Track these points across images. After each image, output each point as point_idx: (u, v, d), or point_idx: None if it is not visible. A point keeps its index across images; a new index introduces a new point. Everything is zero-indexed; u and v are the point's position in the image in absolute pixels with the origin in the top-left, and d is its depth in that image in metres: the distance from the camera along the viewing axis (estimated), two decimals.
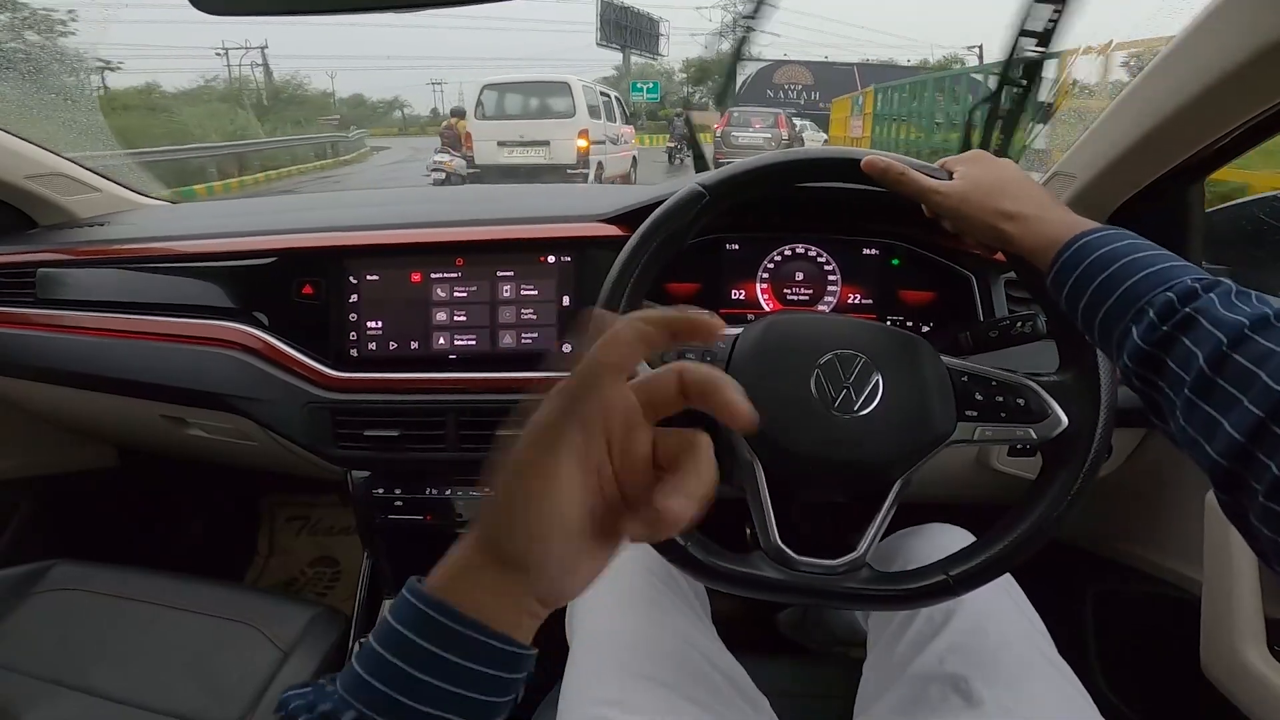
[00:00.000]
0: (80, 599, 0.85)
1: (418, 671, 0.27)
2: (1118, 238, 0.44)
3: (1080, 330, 0.47)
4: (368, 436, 0.85)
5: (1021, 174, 0.56)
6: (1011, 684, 0.58)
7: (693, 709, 0.57)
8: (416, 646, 0.28)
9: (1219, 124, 0.72)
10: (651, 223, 0.60)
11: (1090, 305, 0.43)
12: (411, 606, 0.28)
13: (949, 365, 0.58)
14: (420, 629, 0.28)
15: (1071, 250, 0.45)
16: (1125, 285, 0.40)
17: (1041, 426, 0.56)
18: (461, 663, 0.28)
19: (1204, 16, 0.66)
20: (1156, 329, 0.37)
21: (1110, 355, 0.44)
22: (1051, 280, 0.47)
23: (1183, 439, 0.38)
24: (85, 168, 1.13)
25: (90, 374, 0.93)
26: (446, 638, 0.28)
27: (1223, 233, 0.94)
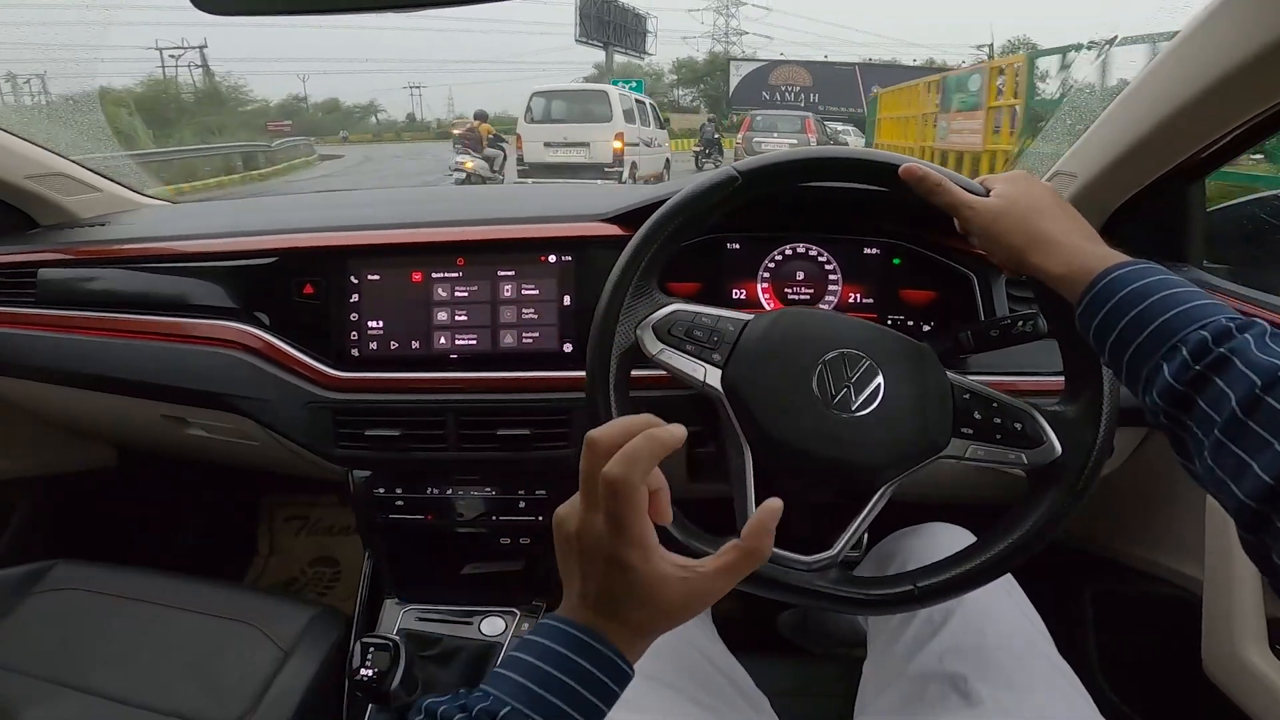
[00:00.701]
0: (80, 599, 0.85)
1: (565, 676, 0.36)
2: (1151, 272, 0.44)
3: (1106, 364, 0.46)
4: (368, 436, 0.85)
5: (1060, 199, 0.55)
6: (1011, 684, 0.58)
7: (693, 709, 0.58)
8: (565, 658, 0.36)
9: (1219, 123, 0.72)
10: (678, 200, 0.59)
11: (1120, 340, 0.42)
12: (562, 631, 0.38)
13: (953, 380, 0.58)
14: (571, 645, 0.37)
15: (1103, 283, 0.44)
16: (1158, 322, 0.40)
17: (1034, 453, 0.56)
18: (595, 672, 0.36)
19: (1204, 16, 0.66)
20: (1189, 368, 0.37)
21: (1135, 390, 0.43)
22: (1081, 311, 0.46)
23: (1209, 478, 0.38)
24: (86, 168, 1.13)
25: (91, 374, 0.93)
26: (589, 653, 0.37)
27: (1223, 232, 0.94)
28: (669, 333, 0.58)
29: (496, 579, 0.96)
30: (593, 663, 0.37)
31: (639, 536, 0.37)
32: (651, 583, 0.38)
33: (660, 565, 0.38)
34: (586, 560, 0.38)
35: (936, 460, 0.56)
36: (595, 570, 0.38)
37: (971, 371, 0.80)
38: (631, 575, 0.37)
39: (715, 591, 0.39)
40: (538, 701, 0.35)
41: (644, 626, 0.39)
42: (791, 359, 0.57)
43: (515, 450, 0.84)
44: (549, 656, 0.37)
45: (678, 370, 0.57)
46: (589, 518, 0.38)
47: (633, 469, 0.36)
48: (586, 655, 0.37)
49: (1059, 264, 0.49)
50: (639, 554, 0.37)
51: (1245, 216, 0.99)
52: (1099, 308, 0.44)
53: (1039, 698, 0.57)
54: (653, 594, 0.38)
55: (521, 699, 0.35)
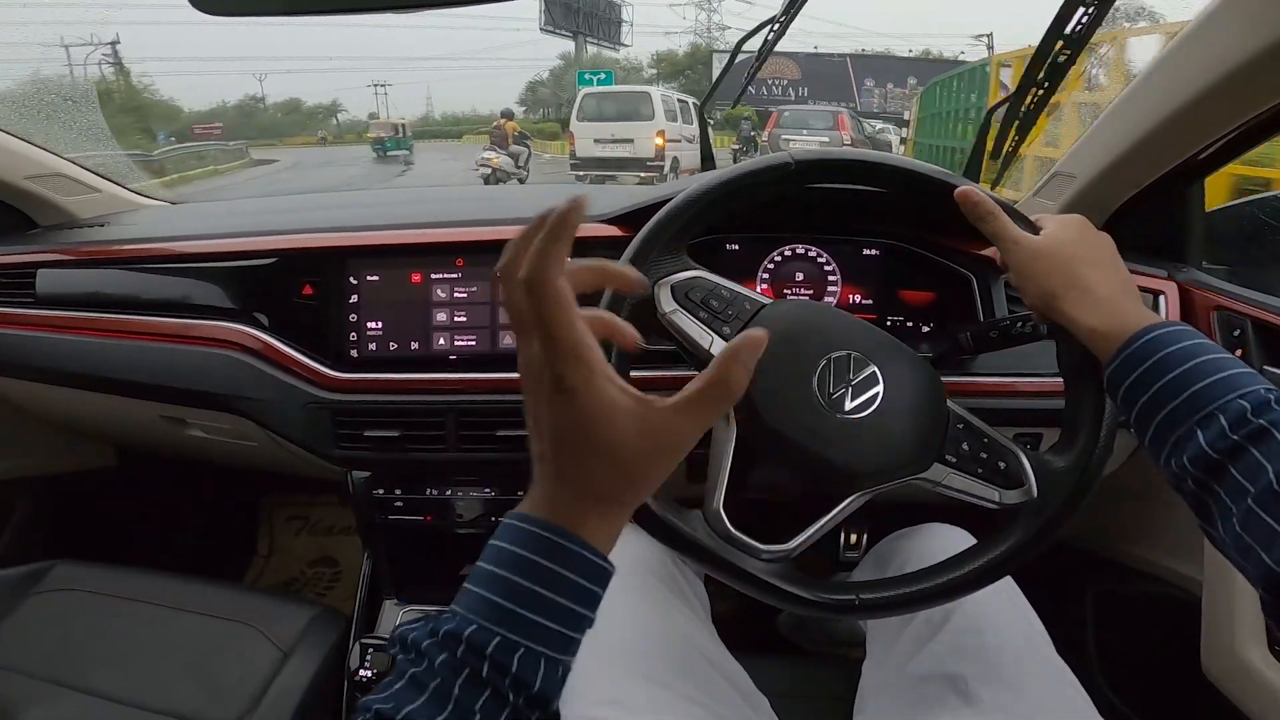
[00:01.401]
0: (80, 599, 0.85)
1: (533, 584, 0.32)
2: (1188, 335, 0.43)
3: (1129, 423, 0.45)
4: (368, 437, 0.85)
5: (1112, 253, 0.53)
6: (1010, 684, 0.58)
7: (693, 709, 0.57)
8: (531, 562, 0.33)
9: (1219, 124, 0.72)
10: (731, 171, 0.59)
11: (1154, 401, 0.42)
12: (523, 530, 0.34)
13: (952, 409, 0.58)
14: (535, 547, 0.33)
15: (1141, 343, 0.43)
16: (1196, 387, 0.40)
17: (1010, 493, 0.56)
18: (566, 574, 0.33)
19: (1203, 17, 0.66)
20: (1226, 437, 0.37)
21: (1156, 452, 0.43)
22: (1114, 369, 0.45)
23: (1235, 544, 0.38)
24: (85, 168, 1.13)
25: (90, 374, 0.93)
26: (556, 553, 0.33)
27: (1223, 233, 0.94)
28: (686, 295, 0.57)
29: None
30: (565, 565, 0.33)
31: (574, 346, 0.32)
32: (600, 412, 0.33)
33: (608, 390, 0.33)
34: (535, 393, 0.34)
35: (913, 480, 0.56)
36: (542, 404, 0.34)
37: (971, 372, 0.80)
38: (576, 400, 0.33)
39: (680, 434, 0.34)
40: (507, 616, 0.32)
41: (603, 491, 0.35)
42: (799, 349, 0.57)
43: (515, 451, 0.84)
44: (515, 564, 0.33)
45: (685, 334, 0.57)
46: (526, 347, 0.33)
47: (541, 262, 0.31)
48: (553, 555, 0.33)
49: (1093, 317, 0.48)
50: (582, 371, 0.32)
51: (1245, 217, 0.99)
52: (1134, 367, 0.43)
53: (1038, 698, 0.57)
54: (604, 429, 0.33)
55: (488, 615, 0.32)
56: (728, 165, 0.62)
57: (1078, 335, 0.50)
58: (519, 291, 0.32)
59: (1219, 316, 0.77)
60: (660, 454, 0.35)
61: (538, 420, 0.35)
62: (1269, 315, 0.73)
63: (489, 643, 0.32)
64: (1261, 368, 0.72)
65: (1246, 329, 0.74)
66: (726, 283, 0.59)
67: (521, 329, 0.34)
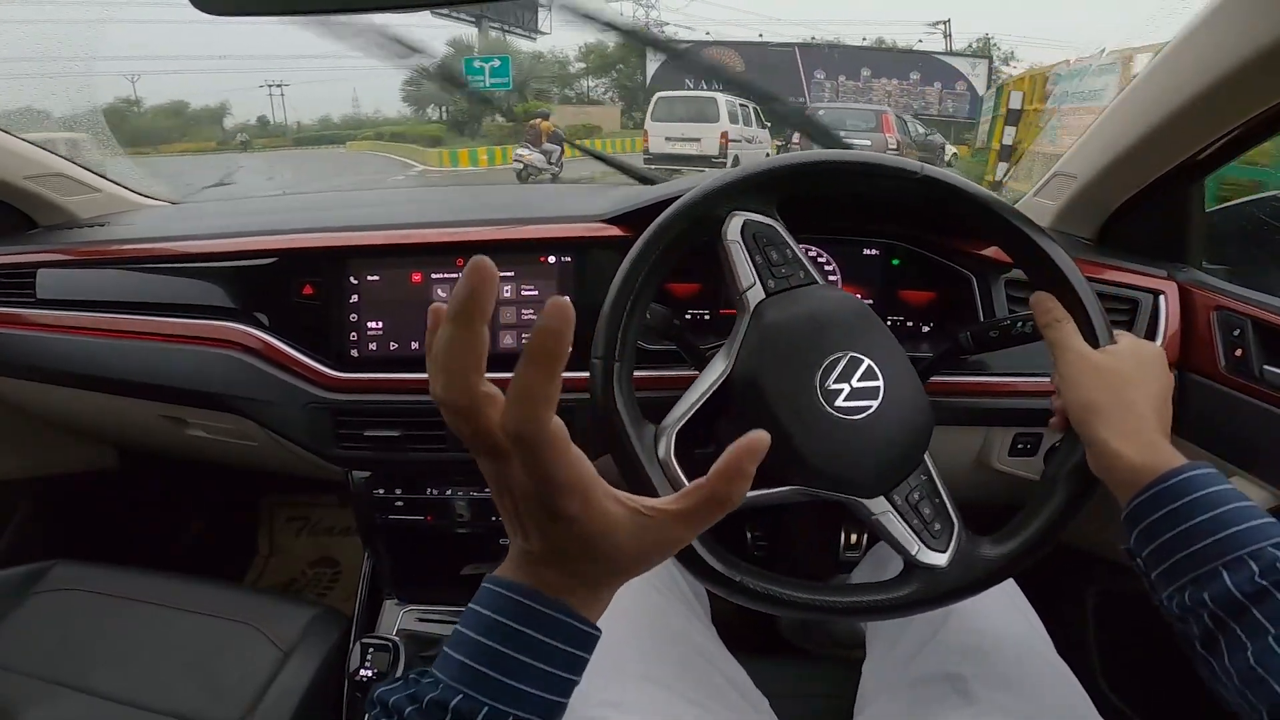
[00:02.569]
0: (80, 599, 0.85)
1: (518, 653, 0.32)
2: (1217, 480, 0.44)
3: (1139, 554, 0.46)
4: (368, 437, 0.85)
5: (1167, 390, 0.53)
6: (1010, 684, 0.58)
7: (692, 710, 0.57)
8: (516, 631, 0.32)
9: (1218, 124, 0.72)
10: (860, 155, 0.61)
11: (1179, 540, 0.42)
12: (508, 599, 0.33)
13: (926, 460, 0.58)
14: (520, 616, 0.33)
15: (1176, 481, 0.44)
16: (1227, 533, 0.40)
17: (926, 553, 0.56)
18: (552, 643, 0.33)
19: (1203, 17, 0.66)
20: (1254, 581, 0.38)
21: (1164, 585, 0.43)
22: (1142, 502, 0.45)
23: (1243, 675, 0.38)
24: (85, 168, 1.13)
25: (90, 374, 0.93)
26: (541, 622, 0.33)
27: (1223, 233, 0.94)
28: (754, 236, 0.59)
29: None
30: (551, 634, 0.33)
31: (571, 481, 0.31)
32: (600, 531, 0.32)
33: (606, 508, 0.32)
34: (523, 514, 0.33)
35: (853, 500, 0.56)
36: (535, 524, 0.33)
37: (971, 372, 0.80)
38: (575, 527, 0.32)
39: (676, 539, 0.34)
40: (494, 687, 0.31)
41: (599, 579, 0.35)
42: (823, 332, 0.57)
43: None
44: (499, 633, 0.32)
45: (732, 267, 0.59)
46: (503, 473, 0.32)
47: (534, 410, 0.28)
48: (541, 626, 0.33)
49: (1129, 445, 0.47)
50: (577, 501, 0.31)
51: (1245, 217, 1.00)
52: (1165, 503, 0.43)
53: (1038, 698, 0.57)
54: (603, 543, 0.33)
55: (474, 685, 0.31)
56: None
57: (1103, 456, 0.49)
58: (475, 420, 0.29)
59: (1219, 316, 0.77)
60: (656, 554, 0.35)
61: (526, 531, 0.34)
62: (1269, 315, 0.73)
63: (476, 713, 0.31)
64: (1262, 368, 0.72)
65: (1246, 329, 0.74)
66: (794, 245, 0.60)
67: (487, 455, 0.31)
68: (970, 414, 0.81)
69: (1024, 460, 0.84)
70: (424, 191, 1.66)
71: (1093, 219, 0.91)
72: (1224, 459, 0.77)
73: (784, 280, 0.59)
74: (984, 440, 0.85)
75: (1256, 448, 0.74)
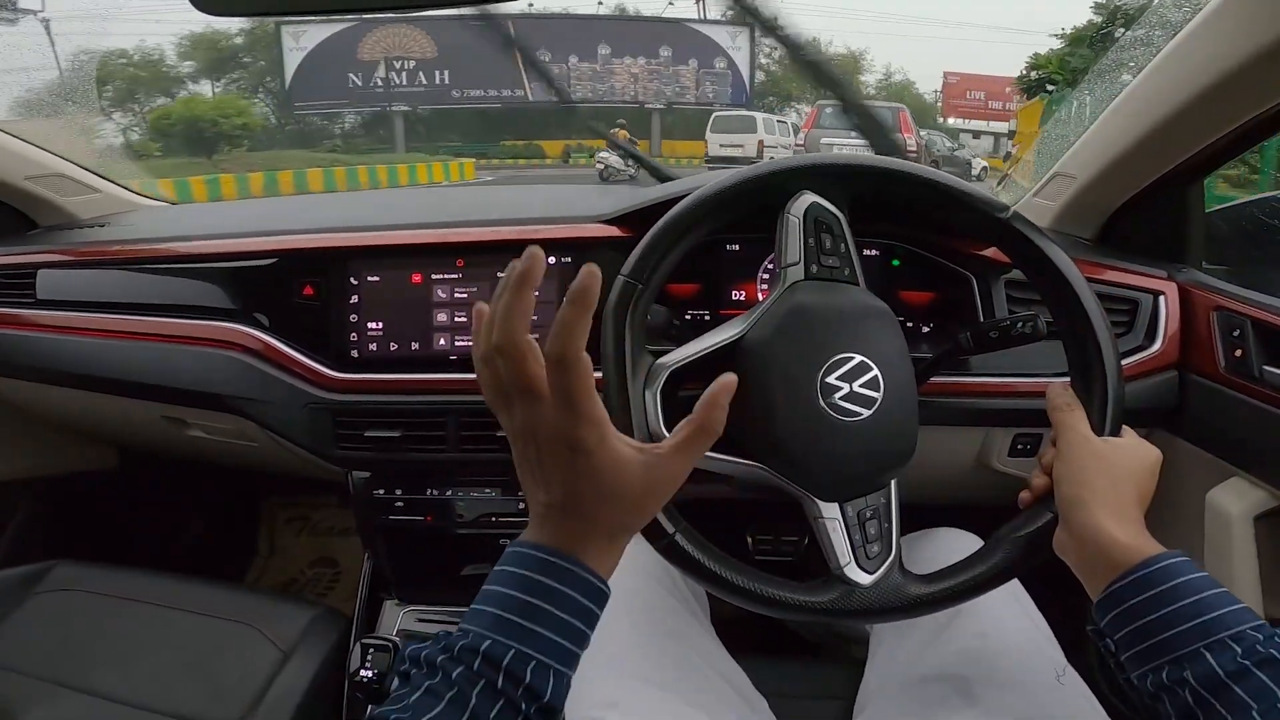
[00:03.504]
0: (81, 599, 0.85)
1: (540, 600, 0.36)
2: (1196, 568, 0.45)
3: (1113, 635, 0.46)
4: (368, 437, 0.85)
5: (1153, 490, 0.54)
6: (1014, 685, 0.58)
7: (692, 710, 0.57)
8: (537, 581, 0.37)
9: (1218, 124, 0.72)
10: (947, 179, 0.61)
11: (1165, 620, 0.43)
12: (530, 555, 0.38)
13: (891, 484, 0.58)
14: (541, 568, 0.37)
15: (1160, 566, 0.45)
16: (1211, 615, 0.42)
17: (853, 568, 0.56)
18: (569, 592, 0.37)
19: (1203, 17, 0.66)
20: (1237, 662, 0.40)
21: (1140, 663, 0.44)
22: (1126, 584, 0.46)
23: None
24: (85, 168, 1.13)
25: (91, 375, 0.93)
26: (560, 574, 0.37)
27: (1222, 233, 0.94)
28: (815, 220, 0.60)
29: None
30: (567, 584, 0.37)
31: (592, 413, 0.37)
32: (612, 466, 0.38)
33: (618, 446, 0.38)
34: (547, 455, 0.38)
35: (806, 498, 0.57)
36: (558, 465, 0.38)
37: (971, 372, 0.80)
38: (593, 460, 0.37)
39: (675, 472, 0.40)
40: (518, 631, 0.35)
41: (613, 525, 0.39)
42: (845, 329, 0.57)
43: None
44: (522, 584, 0.37)
45: (787, 240, 0.59)
46: (536, 414, 0.37)
47: (572, 339, 0.36)
48: (559, 577, 0.37)
49: (1118, 528, 0.49)
50: (595, 434, 0.37)
51: (1244, 217, 1.00)
52: (1150, 586, 0.45)
53: (1042, 700, 0.57)
54: (615, 479, 0.38)
55: (501, 631, 0.35)
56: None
57: (1092, 536, 0.49)
58: (523, 364, 0.36)
59: (1219, 316, 0.77)
60: (660, 490, 0.40)
61: (548, 477, 0.38)
62: (1269, 315, 0.73)
63: (504, 655, 0.35)
64: (1262, 368, 0.72)
65: (1246, 329, 0.74)
66: (850, 242, 0.61)
67: (524, 397, 0.37)
68: (970, 414, 0.81)
69: (1024, 460, 0.84)
70: (424, 192, 1.66)
71: (1093, 219, 0.91)
72: (1224, 459, 0.77)
73: (827, 270, 0.60)
74: (984, 440, 0.85)
75: (1256, 448, 0.74)
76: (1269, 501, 0.73)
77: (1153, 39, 0.76)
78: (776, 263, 0.60)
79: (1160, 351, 0.80)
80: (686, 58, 17.25)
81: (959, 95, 22.22)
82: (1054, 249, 0.59)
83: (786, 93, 24.22)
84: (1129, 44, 0.84)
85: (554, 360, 0.36)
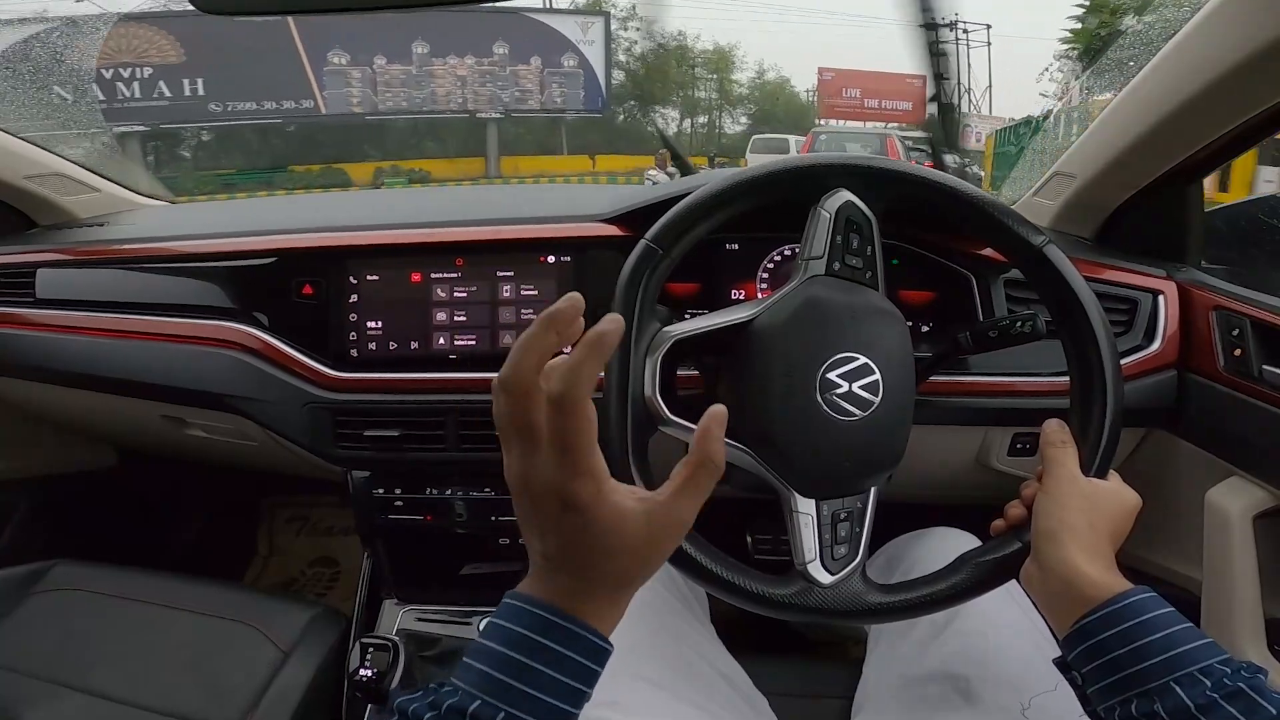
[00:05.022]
0: (80, 599, 0.85)
1: (537, 663, 0.34)
2: (1165, 604, 0.46)
3: (1079, 669, 0.47)
4: (368, 437, 0.85)
5: (1125, 534, 0.55)
6: (1013, 685, 0.58)
7: (691, 711, 0.58)
8: (535, 643, 0.35)
9: (1218, 124, 0.72)
10: (996, 206, 0.61)
11: (1135, 653, 0.44)
12: (528, 613, 0.35)
13: (874, 490, 0.59)
14: (540, 628, 0.35)
15: (1131, 601, 0.46)
16: (1179, 650, 0.43)
17: (816, 566, 0.56)
18: (569, 654, 0.35)
19: (1203, 16, 0.66)
20: (1207, 695, 0.41)
21: (1108, 696, 0.45)
22: (1098, 618, 0.46)
23: None
24: (85, 168, 1.13)
25: (90, 374, 0.93)
26: (560, 635, 0.35)
27: (1222, 233, 0.94)
28: (846, 219, 0.60)
29: (496, 579, 0.96)
30: (564, 644, 0.35)
31: (590, 467, 0.34)
32: (611, 520, 0.35)
33: (617, 498, 0.36)
34: (539, 509, 0.36)
35: (783, 489, 0.56)
36: (550, 519, 0.35)
37: (970, 372, 0.80)
38: (589, 516, 0.35)
39: (680, 518, 0.37)
40: (508, 693, 0.33)
41: (615, 580, 0.37)
42: (856, 329, 0.57)
43: None
44: (515, 642, 0.35)
45: (815, 233, 0.60)
46: (530, 461, 0.35)
47: (578, 382, 0.33)
48: (555, 636, 0.35)
49: (1092, 565, 0.50)
50: (591, 488, 0.35)
51: (1244, 217, 1.00)
52: (1121, 621, 0.45)
53: (1042, 700, 0.57)
54: (616, 534, 0.35)
55: (490, 691, 0.33)
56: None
57: (1065, 571, 0.50)
58: (526, 404, 0.34)
59: (1218, 316, 0.77)
60: (666, 539, 0.38)
61: (542, 529, 0.36)
62: (1268, 315, 0.73)
63: (493, 718, 0.33)
64: (1261, 368, 0.72)
65: (1245, 329, 0.74)
66: (878, 246, 0.61)
67: (521, 440, 0.35)
68: (969, 414, 0.81)
69: (1023, 460, 0.84)
70: (424, 192, 1.66)
71: (1092, 219, 0.91)
72: (1223, 458, 0.77)
73: (849, 269, 0.60)
74: (983, 440, 0.85)
75: (1255, 447, 0.74)
76: (1268, 501, 0.73)
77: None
78: (801, 253, 0.60)
79: (1159, 351, 0.80)
80: (527, 55, 13.66)
81: (835, 94, 20.13)
82: (1084, 288, 0.59)
83: (650, 96, 21.84)
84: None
85: (555, 401, 0.33)
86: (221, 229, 0.93)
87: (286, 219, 0.99)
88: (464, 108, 13.95)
